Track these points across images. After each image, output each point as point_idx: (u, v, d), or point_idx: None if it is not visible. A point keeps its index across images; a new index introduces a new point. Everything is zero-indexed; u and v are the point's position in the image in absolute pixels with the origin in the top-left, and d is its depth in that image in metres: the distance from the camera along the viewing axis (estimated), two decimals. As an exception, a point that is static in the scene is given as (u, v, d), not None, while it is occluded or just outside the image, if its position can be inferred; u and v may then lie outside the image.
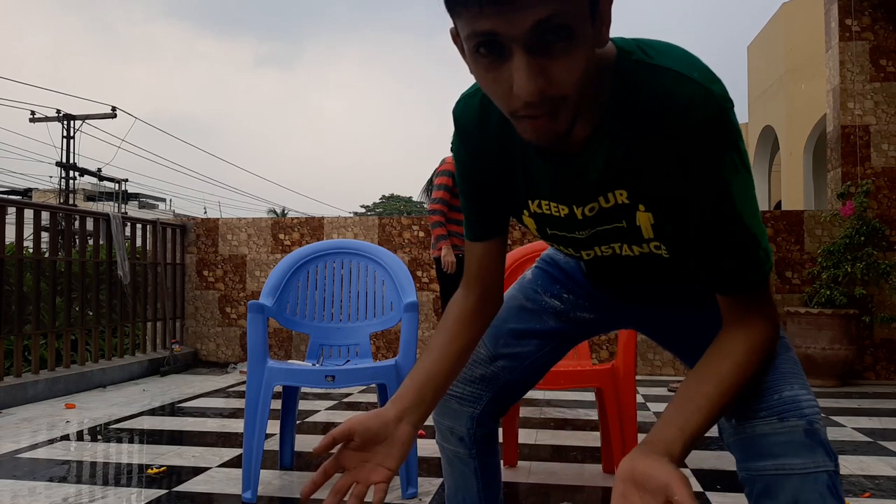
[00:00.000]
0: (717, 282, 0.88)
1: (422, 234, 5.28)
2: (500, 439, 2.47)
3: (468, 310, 1.05)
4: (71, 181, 22.03)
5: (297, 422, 3.10)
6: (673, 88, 0.79)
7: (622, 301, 1.13)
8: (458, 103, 0.98)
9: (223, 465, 2.49)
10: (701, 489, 2.19)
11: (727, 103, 0.80)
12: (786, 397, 0.86)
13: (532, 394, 3.86)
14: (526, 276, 1.22)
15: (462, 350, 1.03)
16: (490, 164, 0.97)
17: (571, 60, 0.72)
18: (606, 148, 0.85)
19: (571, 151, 0.87)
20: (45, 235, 4.42)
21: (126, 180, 25.24)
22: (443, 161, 4.13)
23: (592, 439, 2.84)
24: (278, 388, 2.20)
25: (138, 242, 5.39)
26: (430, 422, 1.13)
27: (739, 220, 0.83)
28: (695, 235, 0.87)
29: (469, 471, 1.16)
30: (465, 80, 0.94)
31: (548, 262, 1.22)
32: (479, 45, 0.73)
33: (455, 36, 0.79)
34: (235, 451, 2.68)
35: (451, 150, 1.02)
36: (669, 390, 4.23)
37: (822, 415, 0.89)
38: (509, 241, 3.91)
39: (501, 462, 2.50)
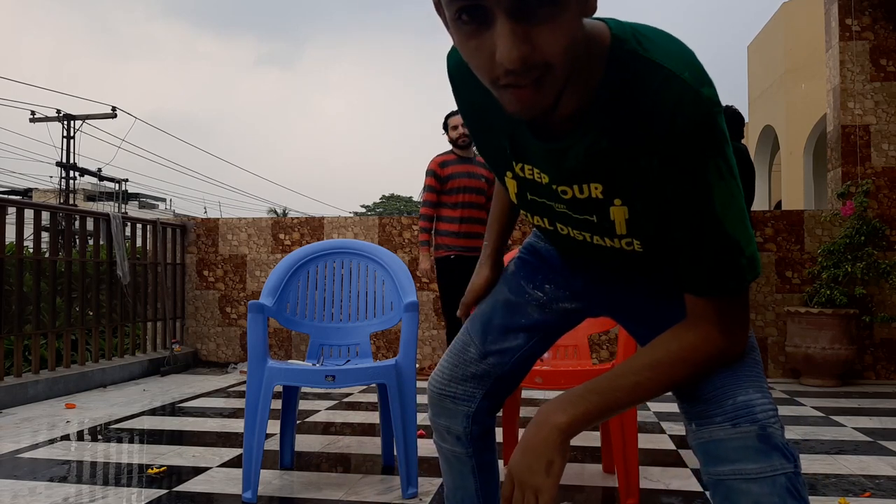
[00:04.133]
0: (689, 282, 0.87)
1: (422, 233, 5.28)
2: (500, 439, 2.47)
3: None
4: (71, 181, 22.01)
5: (297, 422, 3.10)
6: (662, 87, 0.77)
7: (598, 285, 1.12)
8: (450, 55, 0.96)
9: (223, 464, 2.50)
10: (701, 489, 2.19)
11: (716, 107, 0.77)
12: (739, 402, 0.86)
13: (532, 394, 3.86)
14: (509, 269, 1.23)
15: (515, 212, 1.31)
16: (481, 118, 0.96)
17: (556, 26, 0.69)
18: (590, 137, 0.83)
19: (555, 130, 0.85)
20: (45, 235, 4.42)
21: (126, 180, 25.22)
22: (432, 160, 4.12)
23: (592, 439, 2.84)
24: (278, 388, 2.20)
25: (138, 242, 5.39)
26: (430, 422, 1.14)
27: (719, 226, 0.82)
28: (673, 235, 0.86)
29: (467, 470, 1.17)
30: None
31: (528, 251, 1.21)
32: (461, 12, 0.70)
33: (437, 5, 0.77)
34: (235, 451, 2.68)
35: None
36: None
37: (778, 417, 0.88)
38: (509, 242, 3.87)
39: (500, 461, 2.50)
